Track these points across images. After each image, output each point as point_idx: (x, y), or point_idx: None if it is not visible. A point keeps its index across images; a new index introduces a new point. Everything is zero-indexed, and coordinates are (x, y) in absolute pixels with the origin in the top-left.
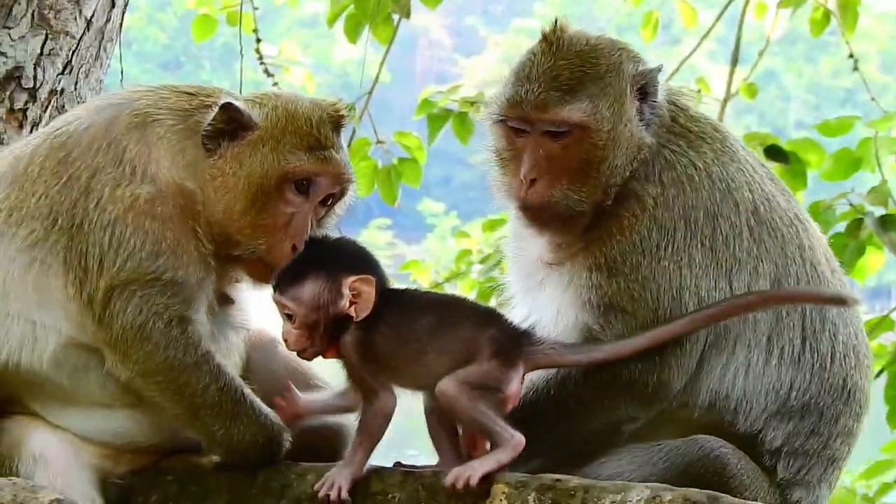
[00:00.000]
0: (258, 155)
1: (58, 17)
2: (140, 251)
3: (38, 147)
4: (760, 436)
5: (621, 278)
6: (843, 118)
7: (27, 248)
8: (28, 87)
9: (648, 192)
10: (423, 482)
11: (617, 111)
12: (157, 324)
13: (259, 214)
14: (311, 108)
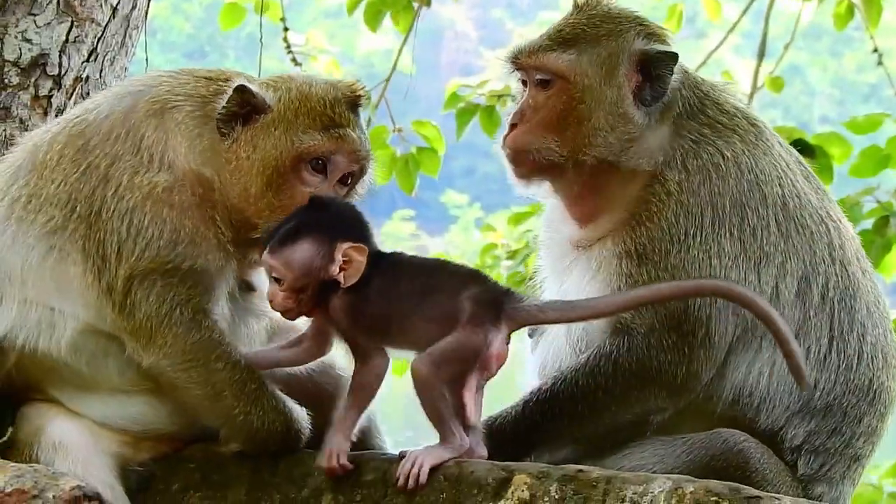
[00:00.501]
0: (272, 136)
1: (83, 5)
2: (158, 240)
3: (57, 135)
4: (781, 433)
5: (651, 266)
6: (872, 115)
7: (46, 236)
8: (53, 74)
9: (672, 178)
10: (445, 472)
11: (604, 74)
12: (180, 312)
13: (276, 196)
14: (325, 88)
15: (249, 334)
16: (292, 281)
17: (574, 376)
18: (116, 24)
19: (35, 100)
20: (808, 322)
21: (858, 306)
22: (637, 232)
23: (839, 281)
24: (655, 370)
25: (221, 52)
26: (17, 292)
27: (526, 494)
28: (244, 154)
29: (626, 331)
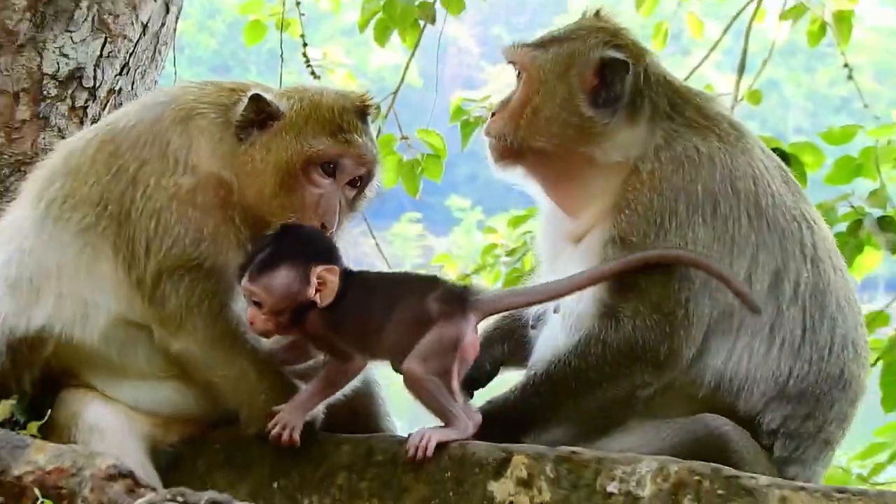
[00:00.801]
0: (284, 141)
1: (116, 22)
2: (184, 238)
3: (90, 141)
4: (759, 417)
5: (634, 250)
6: (846, 127)
7: (80, 234)
8: (88, 86)
9: (646, 168)
10: (449, 452)
11: (559, 71)
12: (208, 303)
13: (288, 196)
14: (335, 97)
15: None
16: (272, 305)
17: (567, 358)
18: (147, 41)
19: (72, 110)
20: (782, 315)
21: (829, 301)
22: (618, 219)
23: (810, 277)
24: (641, 349)
25: (244, 66)
26: (54, 286)
27: (524, 473)
28: (259, 157)
29: (613, 314)
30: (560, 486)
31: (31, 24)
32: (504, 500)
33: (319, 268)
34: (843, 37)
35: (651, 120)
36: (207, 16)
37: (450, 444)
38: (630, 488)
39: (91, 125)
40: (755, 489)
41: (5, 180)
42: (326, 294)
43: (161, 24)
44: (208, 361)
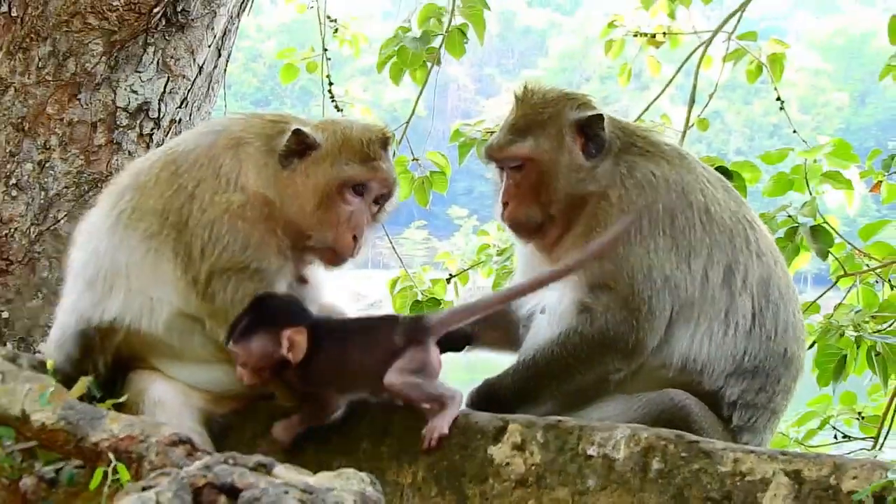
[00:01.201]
0: (322, 168)
1: (177, 64)
2: (233, 245)
3: (154, 162)
4: (720, 391)
5: (604, 260)
6: (780, 150)
7: (145, 239)
8: (154, 117)
9: (614, 194)
10: (455, 421)
11: (556, 144)
12: (247, 301)
13: (325, 213)
14: (362, 130)
15: None
16: (254, 364)
17: (550, 347)
18: (202, 79)
19: (140, 137)
20: (735, 302)
21: (773, 290)
22: (590, 237)
23: (756, 269)
24: (612, 339)
25: (280, 100)
26: (124, 284)
27: (518, 439)
28: (300, 181)
29: (588, 310)
30: (548, 449)
31: (106, 66)
32: (502, 461)
33: (288, 331)
34: (776, 75)
35: (616, 154)
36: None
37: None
38: (607, 451)
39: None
40: (712, 452)
41: (85, 195)
42: (297, 353)
43: (214, 66)
44: None
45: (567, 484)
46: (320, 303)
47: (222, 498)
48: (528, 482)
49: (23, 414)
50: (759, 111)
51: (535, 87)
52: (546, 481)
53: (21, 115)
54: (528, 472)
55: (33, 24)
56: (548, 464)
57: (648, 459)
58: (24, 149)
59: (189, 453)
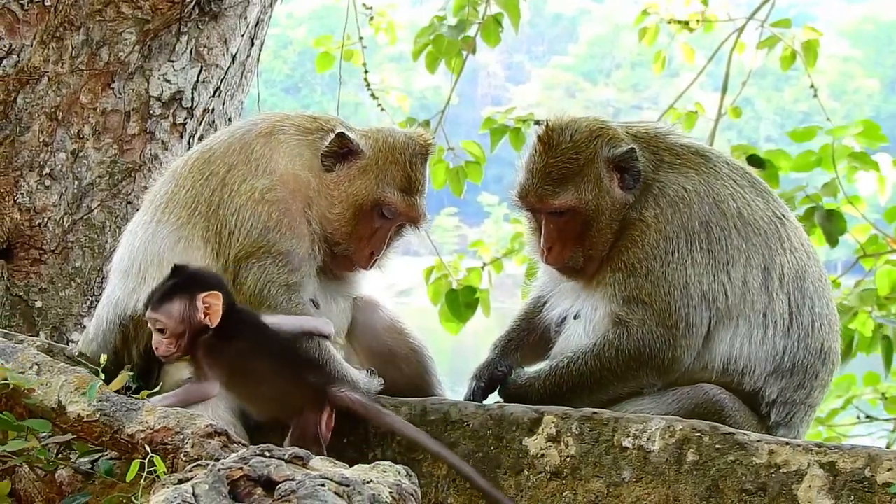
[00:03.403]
0: (363, 180)
1: (210, 54)
2: (255, 228)
3: (192, 154)
4: (760, 392)
5: (640, 278)
6: (809, 127)
7: (176, 229)
8: (187, 106)
9: (649, 214)
10: (490, 413)
11: (596, 189)
12: (271, 290)
13: (352, 225)
14: (405, 142)
15: (337, 311)
16: (172, 329)
17: (584, 357)
18: (235, 68)
19: (173, 126)
20: (772, 302)
21: (807, 285)
22: (626, 255)
23: (791, 266)
24: (648, 356)
25: (311, 87)
26: (156, 272)
27: (553, 430)
28: (339, 187)
29: (623, 323)
30: (584, 441)
31: (139, 56)
32: (537, 453)
33: (203, 294)
34: (810, 62)
35: (646, 175)
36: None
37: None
38: (642, 443)
39: (189, 139)
40: (747, 444)
41: (118, 184)
42: (213, 317)
43: (247, 55)
44: None
45: (602, 475)
46: (356, 296)
47: (259, 490)
48: (563, 473)
49: (59, 406)
50: (789, 98)
51: (559, 128)
52: (581, 473)
53: (54, 104)
54: (563, 463)
55: (67, 13)
56: (583, 455)
57: (683, 451)
58: (57, 138)
59: (224, 445)
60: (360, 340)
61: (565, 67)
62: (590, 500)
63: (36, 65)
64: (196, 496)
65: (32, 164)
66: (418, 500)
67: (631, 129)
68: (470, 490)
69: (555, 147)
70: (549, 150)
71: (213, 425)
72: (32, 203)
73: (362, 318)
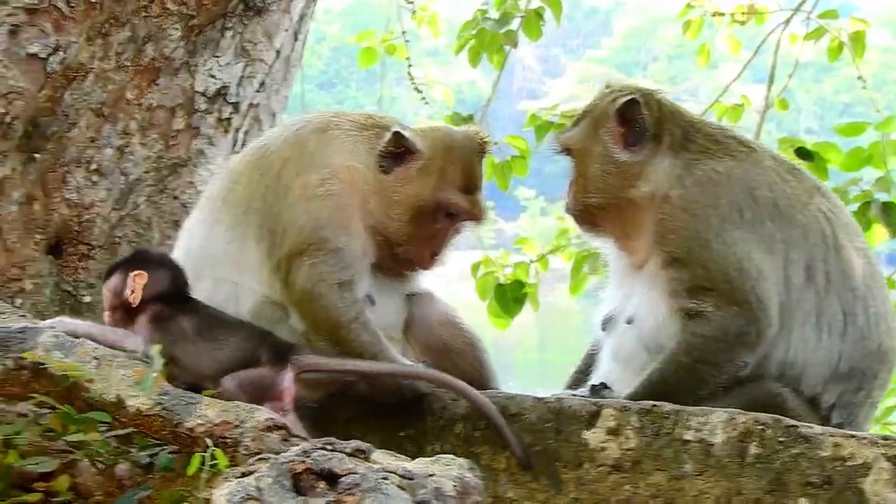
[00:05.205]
0: (423, 181)
1: (255, 49)
2: (307, 225)
3: (247, 152)
4: (818, 397)
5: (688, 266)
6: (856, 123)
7: (231, 228)
8: (232, 101)
9: (675, 195)
10: (549, 406)
11: (591, 136)
12: (323, 288)
13: (412, 227)
14: (463, 142)
15: (393, 306)
16: (108, 303)
17: (675, 358)
18: (280, 64)
19: (218, 121)
20: (822, 303)
21: (857, 283)
22: (665, 245)
23: (836, 264)
24: (734, 335)
25: (345, 83)
26: (211, 272)
27: (613, 424)
28: (397, 188)
29: (698, 314)
30: (644, 434)
31: (184, 51)
32: (596, 446)
33: (133, 273)
34: (858, 53)
35: (672, 152)
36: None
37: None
38: (704, 436)
39: (234, 134)
40: (811, 437)
41: (164, 179)
42: (136, 295)
43: (291, 50)
44: (326, 344)
45: (663, 469)
46: (411, 291)
47: (321, 483)
48: (624, 467)
49: (118, 400)
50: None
51: (616, 81)
52: (642, 466)
53: (101, 100)
54: (624, 456)
55: (112, 9)
56: (643, 448)
57: (746, 444)
58: (104, 134)
59: (285, 438)
60: (415, 335)
61: (600, 60)
62: (651, 493)
63: (82, 61)
64: (260, 490)
65: (80, 161)
66: (482, 493)
67: (675, 107)
68: (529, 483)
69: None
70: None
71: (272, 419)
72: (80, 199)
73: (417, 313)
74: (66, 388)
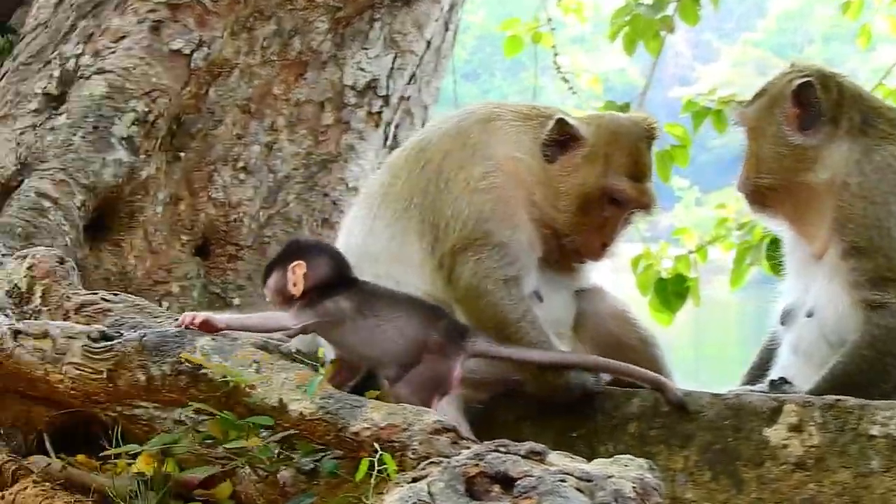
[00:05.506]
0: (589, 168)
1: (404, 40)
2: (470, 219)
3: (406, 144)
4: None
5: (873, 255)
6: None
7: (391, 224)
8: (382, 94)
9: (853, 181)
10: (727, 402)
11: (765, 115)
12: (488, 285)
13: (580, 216)
14: (629, 127)
15: (561, 302)
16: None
17: (858, 351)
18: (430, 55)
19: (369, 115)
20: None
21: None
22: (844, 234)
23: None
24: None
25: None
26: (371, 269)
27: (795, 420)
28: (562, 177)
29: (882, 305)
30: (827, 430)
31: (332, 44)
32: (778, 444)
33: (291, 264)
34: None
35: (850, 137)
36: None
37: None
38: (890, 431)
39: (385, 128)
40: None
41: (313, 176)
42: (298, 286)
43: (442, 41)
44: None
45: (849, 466)
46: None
47: (496, 487)
48: (807, 465)
49: (280, 404)
50: None
51: (801, 61)
52: (826, 463)
53: (247, 96)
54: (807, 454)
55: (257, 3)
56: (827, 445)
57: None
58: (250, 131)
59: (454, 441)
60: (585, 330)
61: (755, 43)
62: (836, 492)
63: (227, 57)
64: (432, 495)
65: (226, 158)
66: (662, 494)
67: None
68: (708, 483)
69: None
70: None
71: (441, 421)
72: (227, 198)
73: (588, 308)
74: (225, 394)
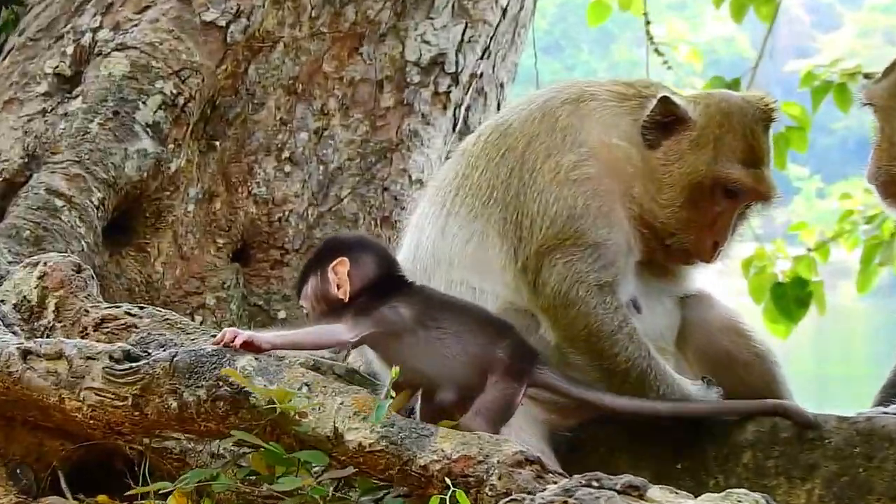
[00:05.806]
0: (696, 155)
1: (476, 7)
2: (560, 215)
3: (484, 129)
4: None
5: None
6: None
7: (468, 223)
8: (451, 71)
9: None
10: (857, 427)
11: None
12: (580, 291)
13: (687, 210)
14: (743, 108)
15: (663, 311)
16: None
17: None
18: (506, 24)
19: (435, 96)
20: None
21: None
22: None
23: None
24: None
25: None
26: (445, 273)
27: None
28: (666, 164)
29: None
30: None
31: (392, 13)
32: None
33: (331, 265)
34: None
35: None
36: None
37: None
38: None
39: (454, 110)
40: None
41: (371, 167)
42: (342, 285)
43: (520, 8)
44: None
45: None
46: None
47: None
48: None
49: (335, 434)
50: None
51: None
52: None
53: (293, 75)
54: None
55: None
56: None
57: None
58: (297, 115)
59: (538, 475)
60: (691, 344)
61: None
62: None
63: (269, 29)
64: None
65: (269, 148)
66: None
67: None
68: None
69: None
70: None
71: (523, 452)
72: (270, 194)
73: (694, 318)
74: (271, 422)
